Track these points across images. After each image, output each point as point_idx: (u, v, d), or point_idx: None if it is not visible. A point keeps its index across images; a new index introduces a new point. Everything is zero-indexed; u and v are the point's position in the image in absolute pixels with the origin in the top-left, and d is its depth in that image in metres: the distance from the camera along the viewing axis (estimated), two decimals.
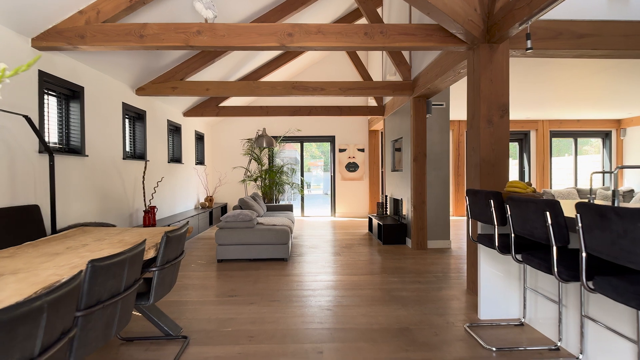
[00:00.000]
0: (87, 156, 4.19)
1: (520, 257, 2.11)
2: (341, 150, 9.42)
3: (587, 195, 8.21)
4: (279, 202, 8.73)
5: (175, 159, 7.04)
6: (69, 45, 3.39)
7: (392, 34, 3.36)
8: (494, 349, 2.33)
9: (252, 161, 8.93)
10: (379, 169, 9.36)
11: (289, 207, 7.24)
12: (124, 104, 5.05)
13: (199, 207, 8.01)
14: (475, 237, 2.86)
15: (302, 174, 9.64)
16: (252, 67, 7.03)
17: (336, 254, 5.15)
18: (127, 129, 5.34)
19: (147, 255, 2.04)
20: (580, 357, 2.16)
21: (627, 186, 8.91)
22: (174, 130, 7.04)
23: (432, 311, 2.98)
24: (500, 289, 2.85)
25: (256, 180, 8.55)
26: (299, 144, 9.70)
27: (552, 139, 9.49)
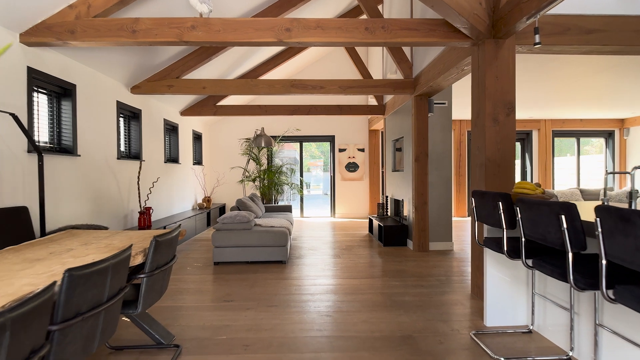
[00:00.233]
0: (80, 156, 4.06)
1: (530, 263, 1.99)
2: (341, 150, 9.30)
3: (590, 195, 8.10)
4: (277, 203, 8.61)
5: (172, 159, 6.91)
6: (59, 40, 3.27)
7: (394, 29, 3.23)
8: (502, 358, 2.20)
9: (251, 161, 8.81)
10: (379, 169, 9.24)
11: (288, 208, 7.11)
12: (119, 103, 4.92)
13: (196, 208, 7.89)
14: (481, 241, 2.75)
15: (301, 174, 9.52)
16: (250, 65, 6.91)
17: (336, 256, 5.03)
18: (122, 128, 5.21)
19: (135, 261, 1.92)
20: None
21: (629, 186, 8.78)
22: (171, 129, 6.92)
23: (436, 317, 2.86)
24: (507, 294, 2.73)
25: (254, 180, 8.43)
26: (298, 144, 9.58)
27: (554, 138, 9.37)
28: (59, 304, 1.31)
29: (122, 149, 5.17)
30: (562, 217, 1.63)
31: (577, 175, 9.54)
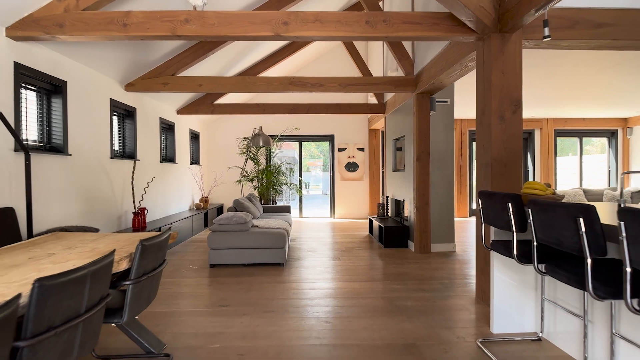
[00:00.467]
0: (70, 155, 3.93)
1: (543, 269, 1.86)
2: (340, 149, 9.17)
3: (593, 196, 7.98)
4: (276, 203, 8.47)
5: (168, 158, 6.78)
6: (47, 34, 3.14)
7: (396, 23, 3.10)
8: None
9: (249, 161, 8.67)
10: (380, 169, 9.11)
11: (287, 209, 6.98)
12: (112, 101, 4.79)
13: (193, 209, 7.75)
14: (488, 244, 2.62)
15: (300, 174, 9.38)
16: (248, 63, 6.77)
17: (335, 258, 4.90)
18: (116, 126, 5.08)
19: (120, 266, 1.79)
20: None
21: (634, 186, 8.67)
22: (167, 128, 6.78)
23: (440, 324, 2.74)
24: (514, 299, 2.60)
25: (252, 180, 8.30)
26: (297, 143, 9.45)
27: (556, 138, 9.25)
28: (28, 318, 1.18)
29: (116, 148, 5.04)
30: (581, 220, 1.50)
31: (579, 175, 9.42)
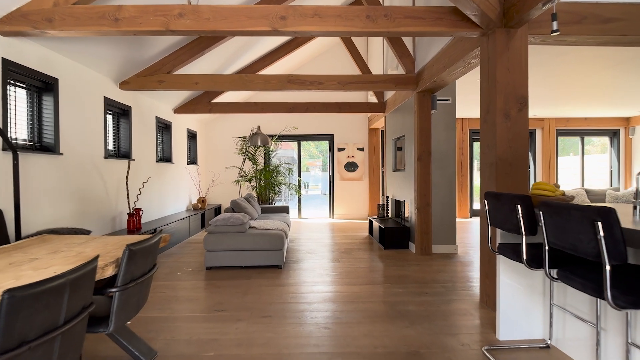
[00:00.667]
0: (62, 154, 3.81)
1: (555, 274, 1.76)
2: (340, 149, 9.06)
3: (596, 196, 7.88)
4: (274, 204, 8.37)
5: (164, 158, 6.66)
6: (36, 30, 3.02)
7: (398, 17, 3.00)
8: None
9: (247, 161, 8.56)
10: (379, 169, 9.00)
11: (285, 209, 6.87)
12: (106, 99, 4.67)
13: (190, 209, 7.64)
14: (495, 247, 2.51)
15: (299, 174, 9.27)
16: (246, 61, 6.66)
17: (335, 260, 4.79)
18: (110, 125, 4.97)
19: (105, 273, 1.68)
20: None
21: (635, 187, 8.57)
22: (164, 127, 6.67)
23: (444, 330, 2.63)
24: (521, 305, 2.50)
25: (251, 180, 8.18)
26: (296, 143, 9.33)
27: (558, 137, 9.15)
28: None
29: (110, 147, 4.92)
30: (599, 223, 1.39)
31: (581, 175, 9.32)
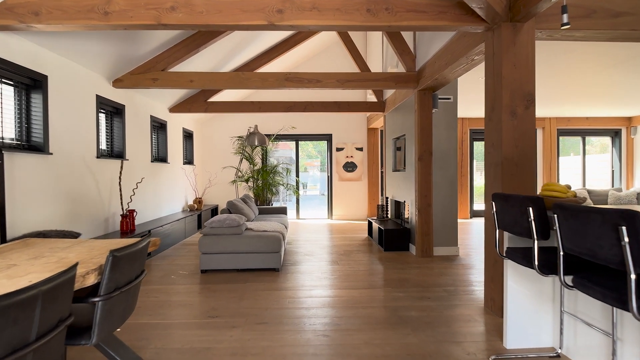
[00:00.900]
0: (52, 154, 3.68)
1: (570, 282, 1.65)
2: (338, 149, 8.95)
3: (598, 196, 7.79)
4: (272, 204, 8.24)
5: (159, 158, 6.53)
6: (22, 23, 2.89)
7: (400, 11, 2.88)
8: None
9: (244, 161, 8.43)
10: (379, 169, 8.89)
11: (283, 210, 6.75)
12: (99, 97, 4.54)
13: (186, 210, 7.50)
14: (502, 251, 2.40)
15: (297, 174, 9.14)
16: (242, 59, 6.54)
17: (333, 262, 4.67)
18: (103, 125, 4.83)
19: (87, 281, 1.56)
20: None
21: (638, 187, 8.50)
22: (159, 127, 6.53)
23: (448, 337, 2.52)
24: (530, 312, 2.38)
25: (248, 181, 8.06)
26: (293, 143, 9.21)
27: (559, 137, 9.06)
28: None
29: (103, 147, 4.79)
30: (623, 228, 1.28)
31: (582, 175, 9.23)
